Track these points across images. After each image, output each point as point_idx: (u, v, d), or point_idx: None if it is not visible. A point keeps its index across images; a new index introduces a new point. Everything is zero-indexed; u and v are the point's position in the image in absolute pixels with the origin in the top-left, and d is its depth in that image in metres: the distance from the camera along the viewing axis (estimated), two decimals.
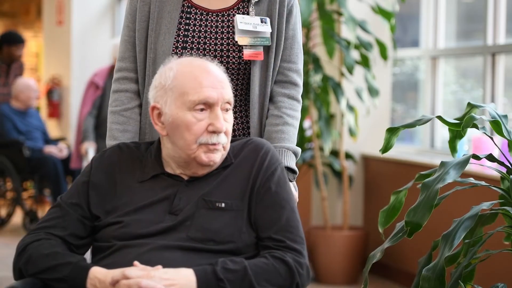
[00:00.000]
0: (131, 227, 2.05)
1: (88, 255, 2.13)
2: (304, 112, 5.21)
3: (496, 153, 3.80)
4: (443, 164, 2.31)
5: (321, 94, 5.19)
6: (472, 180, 2.52)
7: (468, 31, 5.69)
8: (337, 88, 5.12)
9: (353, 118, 5.16)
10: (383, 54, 5.11)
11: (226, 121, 2.10)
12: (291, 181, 2.31)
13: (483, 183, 2.48)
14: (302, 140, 5.40)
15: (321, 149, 5.32)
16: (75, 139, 6.37)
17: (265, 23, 2.39)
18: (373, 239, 5.31)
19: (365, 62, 5.11)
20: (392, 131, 2.49)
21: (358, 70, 5.26)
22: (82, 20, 8.05)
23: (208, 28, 2.38)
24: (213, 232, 2.03)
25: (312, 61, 5.14)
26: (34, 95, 7.13)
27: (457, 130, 2.51)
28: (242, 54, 2.36)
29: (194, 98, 2.06)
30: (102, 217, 2.10)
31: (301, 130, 5.33)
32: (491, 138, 2.46)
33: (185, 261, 1.98)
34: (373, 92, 5.10)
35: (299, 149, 2.39)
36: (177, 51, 2.35)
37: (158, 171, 2.13)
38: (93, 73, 6.37)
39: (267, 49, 2.39)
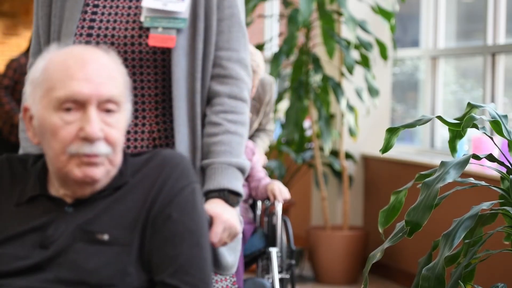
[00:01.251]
0: None
1: None
2: (304, 112, 5.21)
3: (496, 153, 3.80)
4: (443, 164, 2.31)
5: (321, 94, 5.19)
6: (472, 180, 2.52)
7: (468, 31, 5.69)
8: (337, 88, 5.12)
9: (353, 118, 5.17)
10: (383, 54, 5.11)
11: (109, 125, 1.59)
12: (233, 206, 1.86)
13: (483, 183, 2.48)
14: (302, 140, 5.41)
15: (321, 149, 5.32)
16: None
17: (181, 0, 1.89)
18: (373, 239, 5.31)
19: (365, 62, 5.11)
20: (392, 131, 2.49)
21: (358, 70, 5.27)
22: None
23: (119, 10, 1.92)
24: (88, 272, 1.56)
25: (312, 61, 5.14)
26: None
27: (457, 130, 2.51)
28: None
29: (60, 94, 1.57)
30: None
31: (301, 130, 5.34)
32: (491, 138, 2.46)
33: None
34: (373, 92, 5.10)
35: (247, 164, 1.89)
36: (82, 39, 1.89)
37: (37, 192, 1.66)
38: None
39: (192, 32, 1.89)
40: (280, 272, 3.53)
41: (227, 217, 1.81)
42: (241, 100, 1.92)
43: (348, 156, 5.54)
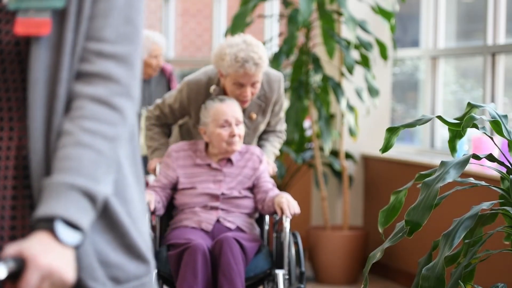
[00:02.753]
0: None
1: None
2: (304, 112, 5.22)
3: (496, 153, 3.80)
4: (443, 163, 2.31)
5: (321, 94, 5.19)
6: (472, 180, 2.52)
7: (468, 31, 5.69)
8: (337, 88, 5.12)
9: (353, 118, 5.17)
10: (383, 54, 5.11)
11: None
12: (66, 245, 1.27)
13: (483, 183, 2.49)
14: (302, 140, 5.41)
15: (321, 149, 5.32)
16: None
17: None
18: (373, 239, 5.31)
19: (365, 62, 5.11)
20: (392, 131, 2.49)
21: (358, 70, 5.27)
22: None
23: None
24: None
25: (312, 61, 5.14)
26: None
27: (457, 130, 2.51)
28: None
29: None
30: None
31: (301, 130, 5.34)
32: (491, 138, 2.46)
33: None
34: (373, 92, 5.10)
35: (101, 192, 1.33)
36: None
37: None
38: None
39: (60, 18, 1.40)
40: None
41: (47, 261, 1.24)
42: (109, 106, 1.37)
43: (348, 156, 5.54)
